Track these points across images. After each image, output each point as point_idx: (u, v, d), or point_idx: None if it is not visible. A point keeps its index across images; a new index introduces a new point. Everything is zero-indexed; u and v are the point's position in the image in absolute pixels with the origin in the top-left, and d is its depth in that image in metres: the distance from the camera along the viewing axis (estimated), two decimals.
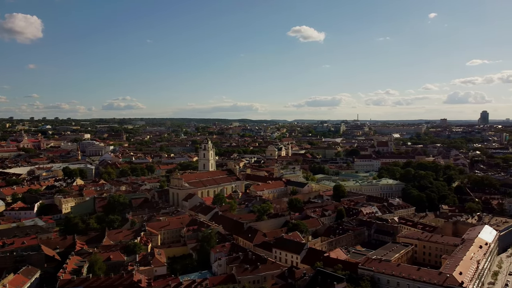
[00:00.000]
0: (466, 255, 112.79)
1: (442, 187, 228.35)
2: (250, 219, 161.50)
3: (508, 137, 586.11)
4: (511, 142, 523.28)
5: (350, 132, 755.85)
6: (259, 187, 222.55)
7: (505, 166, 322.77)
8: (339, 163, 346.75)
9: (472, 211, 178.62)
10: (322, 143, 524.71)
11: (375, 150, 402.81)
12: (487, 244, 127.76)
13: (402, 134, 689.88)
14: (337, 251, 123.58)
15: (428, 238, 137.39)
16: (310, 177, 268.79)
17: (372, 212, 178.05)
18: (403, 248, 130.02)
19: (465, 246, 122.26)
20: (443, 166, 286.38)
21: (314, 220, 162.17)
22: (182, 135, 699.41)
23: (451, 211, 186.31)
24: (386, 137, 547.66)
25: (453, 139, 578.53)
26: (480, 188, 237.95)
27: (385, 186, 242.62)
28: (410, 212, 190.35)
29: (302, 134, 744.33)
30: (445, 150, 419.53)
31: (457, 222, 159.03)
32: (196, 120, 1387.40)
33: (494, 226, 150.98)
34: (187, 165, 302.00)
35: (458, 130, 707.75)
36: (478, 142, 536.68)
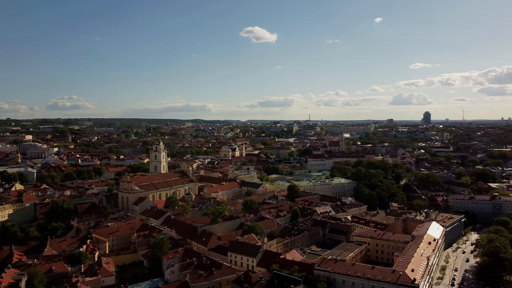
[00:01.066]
0: (416, 252, 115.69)
1: (391, 185, 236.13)
2: (204, 222, 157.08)
3: (448, 136, 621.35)
4: (452, 141, 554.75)
5: (303, 132, 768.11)
6: (213, 189, 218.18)
7: (447, 164, 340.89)
8: (293, 163, 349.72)
9: (419, 208, 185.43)
10: (275, 143, 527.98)
11: (327, 150, 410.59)
12: (435, 240, 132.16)
13: (352, 134, 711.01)
14: (293, 252, 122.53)
15: (381, 236, 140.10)
16: (264, 178, 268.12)
17: (326, 211, 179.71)
18: (357, 247, 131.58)
19: (415, 243, 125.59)
20: (392, 165, 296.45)
21: (269, 221, 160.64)
22: (133, 136, 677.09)
23: (400, 208, 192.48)
24: (337, 137, 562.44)
25: (400, 138, 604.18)
26: (426, 185, 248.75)
27: (337, 185, 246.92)
28: (362, 210, 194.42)
29: (255, 134, 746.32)
30: (393, 149, 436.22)
31: (406, 219, 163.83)
32: (147, 121, 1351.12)
33: (441, 222, 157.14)
34: (138, 167, 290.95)
35: (403, 130, 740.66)
36: (422, 141, 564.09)
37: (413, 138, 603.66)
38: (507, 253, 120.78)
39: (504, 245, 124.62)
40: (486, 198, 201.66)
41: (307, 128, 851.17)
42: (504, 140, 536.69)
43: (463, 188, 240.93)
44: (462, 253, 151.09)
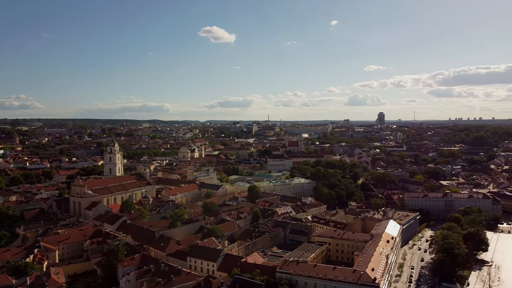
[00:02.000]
0: (376, 250, 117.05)
1: (350, 185, 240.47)
2: (162, 227, 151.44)
3: (402, 136, 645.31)
4: (405, 141, 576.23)
5: (262, 133, 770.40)
6: (171, 191, 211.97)
7: (402, 163, 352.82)
8: (253, 163, 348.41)
9: (377, 207, 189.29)
10: (235, 144, 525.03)
11: (287, 150, 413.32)
12: (393, 238, 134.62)
13: (311, 134, 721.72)
14: (254, 255, 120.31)
15: (341, 235, 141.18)
16: (224, 179, 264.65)
17: (287, 212, 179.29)
18: (318, 248, 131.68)
19: (374, 241, 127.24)
20: (349, 164, 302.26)
21: (230, 224, 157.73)
22: (86, 137, 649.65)
23: (358, 207, 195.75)
24: (296, 137, 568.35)
25: (356, 138, 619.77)
26: (382, 184, 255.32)
27: (297, 185, 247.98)
28: (322, 210, 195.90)
29: (215, 135, 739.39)
30: (350, 149, 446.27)
31: (365, 218, 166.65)
32: (102, 121, 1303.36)
33: (398, 220, 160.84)
34: (92, 170, 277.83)
35: (359, 130, 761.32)
36: (377, 141, 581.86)
37: (369, 138, 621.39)
38: (460, 249, 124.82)
39: (457, 241, 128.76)
40: (439, 196, 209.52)
41: (267, 129, 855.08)
42: (452, 139, 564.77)
43: (416, 186, 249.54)
44: (418, 249, 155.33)
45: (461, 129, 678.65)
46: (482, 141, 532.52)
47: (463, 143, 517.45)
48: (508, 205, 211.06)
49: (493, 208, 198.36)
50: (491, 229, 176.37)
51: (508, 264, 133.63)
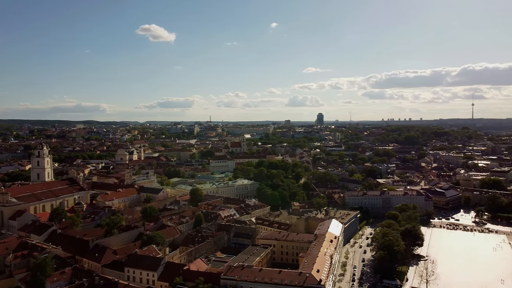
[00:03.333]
0: (320, 251, 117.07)
1: (292, 185, 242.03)
2: (97, 235, 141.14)
3: (340, 136, 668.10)
4: (343, 141, 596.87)
5: (204, 134, 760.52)
6: (107, 197, 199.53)
7: (341, 162, 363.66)
8: (195, 165, 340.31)
9: (319, 206, 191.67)
10: (176, 145, 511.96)
11: (229, 151, 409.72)
12: (336, 237, 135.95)
13: (253, 135, 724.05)
14: (198, 262, 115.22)
15: (285, 237, 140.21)
16: (165, 182, 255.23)
17: (230, 214, 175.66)
18: (263, 250, 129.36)
19: (318, 242, 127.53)
20: (291, 164, 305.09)
21: (171, 229, 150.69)
22: (12, 139, 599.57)
23: (301, 207, 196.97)
24: (238, 137, 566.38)
25: (297, 138, 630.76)
26: (323, 183, 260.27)
27: (240, 186, 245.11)
28: (265, 211, 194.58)
29: (155, 136, 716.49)
30: (291, 149, 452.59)
31: (308, 218, 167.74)
32: (31, 122, 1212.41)
33: (339, 219, 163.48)
34: (17, 175, 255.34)
35: (300, 130, 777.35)
36: (317, 141, 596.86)
37: (309, 138, 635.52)
38: (399, 245, 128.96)
39: (396, 238, 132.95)
40: (377, 194, 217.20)
41: (209, 129, 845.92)
42: (386, 139, 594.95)
43: (355, 184, 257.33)
44: (359, 247, 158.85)
45: (394, 129, 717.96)
46: (412, 140, 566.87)
47: (396, 142, 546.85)
48: (439, 200, 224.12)
49: (426, 204, 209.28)
50: (425, 224, 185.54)
51: (442, 258, 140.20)
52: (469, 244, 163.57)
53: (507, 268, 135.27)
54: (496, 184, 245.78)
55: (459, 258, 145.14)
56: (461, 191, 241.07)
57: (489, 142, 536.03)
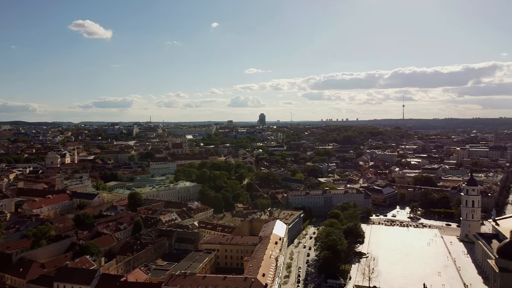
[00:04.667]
0: (265, 254, 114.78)
1: (236, 186, 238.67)
2: (22, 248, 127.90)
3: (282, 136, 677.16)
4: (285, 141, 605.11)
5: (144, 134, 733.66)
6: (35, 204, 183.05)
7: (283, 162, 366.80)
8: (134, 167, 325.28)
9: (263, 207, 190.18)
10: (114, 147, 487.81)
11: (170, 152, 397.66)
12: (281, 239, 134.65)
13: (195, 135, 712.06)
14: (136, 271, 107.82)
15: (229, 240, 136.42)
16: (101, 186, 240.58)
17: (172, 219, 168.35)
18: (206, 256, 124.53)
19: (263, 244, 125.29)
20: (234, 165, 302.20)
21: (107, 237, 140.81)
22: None
23: (245, 208, 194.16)
24: (180, 138, 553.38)
25: (239, 139, 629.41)
26: (267, 183, 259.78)
27: (182, 189, 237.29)
28: (208, 214, 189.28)
29: (90, 137, 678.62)
30: (234, 150, 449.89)
31: (252, 220, 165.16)
32: None
33: (283, 220, 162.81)
34: None
35: (242, 131, 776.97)
36: (260, 141, 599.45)
37: (252, 138, 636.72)
38: (342, 244, 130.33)
39: (339, 237, 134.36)
40: (319, 193, 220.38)
41: (149, 130, 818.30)
42: (326, 138, 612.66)
43: (298, 184, 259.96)
44: (303, 247, 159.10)
45: (333, 129, 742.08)
46: (350, 140, 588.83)
47: (335, 142, 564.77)
48: (377, 198, 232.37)
49: (365, 202, 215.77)
50: (365, 221, 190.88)
51: (383, 255, 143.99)
52: (405, 239, 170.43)
53: (442, 261, 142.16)
54: (428, 180, 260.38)
55: (397, 254, 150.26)
56: (396, 188, 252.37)
57: (419, 141, 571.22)
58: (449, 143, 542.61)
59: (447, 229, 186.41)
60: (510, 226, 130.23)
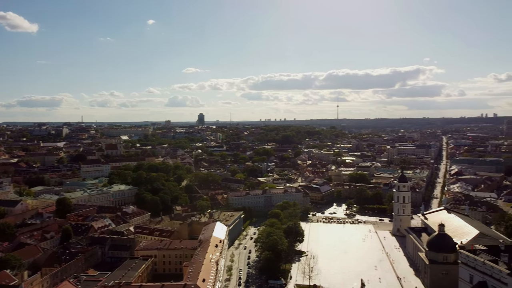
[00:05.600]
0: (205, 258, 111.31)
1: (174, 188, 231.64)
2: None
3: (221, 136, 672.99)
4: (224, 141, 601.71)
5: (75, 135, 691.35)
6: None
7: (223, 162, 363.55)
8: (63, 170, 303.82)
9: (203, 209, 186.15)
10: (40, 149, 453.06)
11: (104, 154, 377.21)
12: (221, 241, 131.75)
13: (131, 136, 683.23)
14: (65, 284, 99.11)
15: (168, 245, 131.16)
16: (25, 192, 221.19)
17: (105, 225, 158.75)
18: (143, 263, 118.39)
19: (203, 248, 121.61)
20: (173, 166, 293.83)
21: (31, 248, 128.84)
22: None
23: (184, 211, 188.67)
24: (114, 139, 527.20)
25: (178, 139, 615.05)
26: (206, 184, 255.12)
27: (117, 192, 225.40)
28: (145, 218, 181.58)
29: (13, 139, 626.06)
30: (172, 150, 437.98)
31: (192, 222, 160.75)
32: None
33: (224, 221, 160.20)
34: None
35: (181, 131, 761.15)
36: (199, 141, 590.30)
37: (190, 138, 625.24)
38: (283, 244, 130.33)
39: (280, 236, 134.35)
40: (259, 193, 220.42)
41: (80, 131, 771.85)
42: (265, 138, 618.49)
43: (238, 184, 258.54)
44: (244, 248, 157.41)
45: (272, 129, 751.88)
46: (288, 139, 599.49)
47: (274, 141, 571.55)
48: (315, 196, 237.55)
49: (304, 200, 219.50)
50: (304, 220, 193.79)
51: (322, 252, 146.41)
52: (342, 236, 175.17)
53: (377, 256, 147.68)
54: (362, 178, 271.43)
55: (335, 251, 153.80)
56: (333, 186, 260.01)
57: (353, 140, 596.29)
58: (380, 141, 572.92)
59: (381, 224, 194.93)
60: (438, 219, 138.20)
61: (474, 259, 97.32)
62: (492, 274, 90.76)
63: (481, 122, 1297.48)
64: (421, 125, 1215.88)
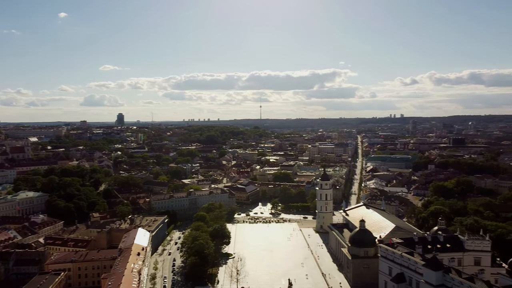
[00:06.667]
0: (126, 268, 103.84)
1: (91, 193, 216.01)
2: None
3: (142, 137, 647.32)
4: (146, 142, 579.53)
5: None
6: None
7: (145, 164, 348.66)
8: None
9: (123, 215, 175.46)
10: None
11: (9, 158, 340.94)
12: (143, 249, 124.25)
13: (41, 138, 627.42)
14: None
15: (84, 257, 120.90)
16: None
17: (9, 237, 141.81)
18: (54, 278, 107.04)
19: (123, 257, 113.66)
20: (89, 170, 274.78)
21: None
22: None
23: (103, 218, 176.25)
24: (21, 141, 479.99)
25: (95, 140, 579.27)
26: (127, 188, 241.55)
27: (24, 200, 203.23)
28: (58, 228, 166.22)
29: None
30: (89, 153, 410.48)
31: (111, 230, 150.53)
32: None
33: (146, 227, 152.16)
34: None
35: (99, 132, 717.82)
36: (118, 142, 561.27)
37: (109, 139, 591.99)
38: (209, 248, 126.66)
39: (206, 240, 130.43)
40: (183, 195, 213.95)
41: None
42: (189, 138, 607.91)
43: (161, 187, 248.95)
44: (169, 254, 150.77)
45: (195, 129, 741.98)
46: (213, 139, 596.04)
47: (198, 142, 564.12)
48: (241, 196, 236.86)
49: (230, 201, 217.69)
50: (230, 221, 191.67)
51: (249, 253, 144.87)
52: (268, 236, 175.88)
53: (302, 253, 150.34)
54: (286, 177, 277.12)
55: (262, 251, 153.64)
56: (258, 186, 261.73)
57: (276, 139, 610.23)
58: (301, 141, 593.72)
59: (305, 222, 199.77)
60: (358, 215, 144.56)
61: (392, 252, 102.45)
62: (409, 266, 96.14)
63: (390, 122, 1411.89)
64: (338, 124, 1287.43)
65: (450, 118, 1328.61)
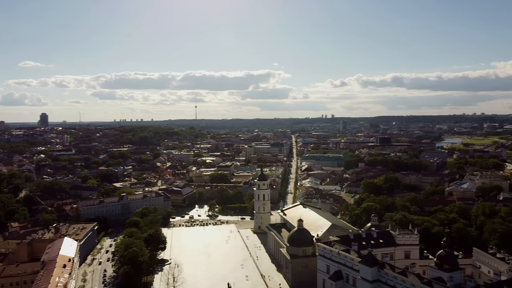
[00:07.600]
0: (50, 282, 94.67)
1: (9, 200, 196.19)
2: None
3: (69, 138, 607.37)
4: (73, 143, 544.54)
5: None
6: None
7: (72, 167, 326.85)
8: None
9: (47, 223, 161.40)
10: None
11: None
12: (70, 260, 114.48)
13: None
14: None
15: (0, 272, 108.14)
16: None
17: None
18: None
19: (47, 270, 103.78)
20: (7, 175, 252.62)
21: None
22: None
23: (23, 228, 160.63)
24: None
25: (14, 143, 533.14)
26: (51, 194, 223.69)
27: None
28: None
29: None
30: (7, 156, 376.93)
31: (32, 241, 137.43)
32: None
33: (73, 236, 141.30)
34: None
35: (19, 133, 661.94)
36: (41, 145, 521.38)
37: (31, 142, 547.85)
38: (144, 255, 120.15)
39: (140, 247, 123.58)
40: (115, 200, 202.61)
41: None
42: (120, 140, 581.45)
43: (90, 191, 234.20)
44: (99, 264, 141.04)
45: (128, 130, 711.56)
46: (146, 140, 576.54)
47: (130, 143, 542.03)
48: (176, 199, 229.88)
49: (165, 204, 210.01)
50: (165, 225, 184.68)
51: (186, 258, 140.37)
52: (205, 239, 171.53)
53: (241, 255, 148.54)
54: (223, 177, 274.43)
55: (200, 255, 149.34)
56: (195, 187, 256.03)
57: (212, 140, 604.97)
58: (238, 141, 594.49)
59: (243, 223, 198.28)
60: (296, 215, 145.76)
61: (330, 251, 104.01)
62: (346, 263, 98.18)
63: (322, 122, 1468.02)
64: (273, 125, 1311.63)
65: (376, 118, 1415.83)
